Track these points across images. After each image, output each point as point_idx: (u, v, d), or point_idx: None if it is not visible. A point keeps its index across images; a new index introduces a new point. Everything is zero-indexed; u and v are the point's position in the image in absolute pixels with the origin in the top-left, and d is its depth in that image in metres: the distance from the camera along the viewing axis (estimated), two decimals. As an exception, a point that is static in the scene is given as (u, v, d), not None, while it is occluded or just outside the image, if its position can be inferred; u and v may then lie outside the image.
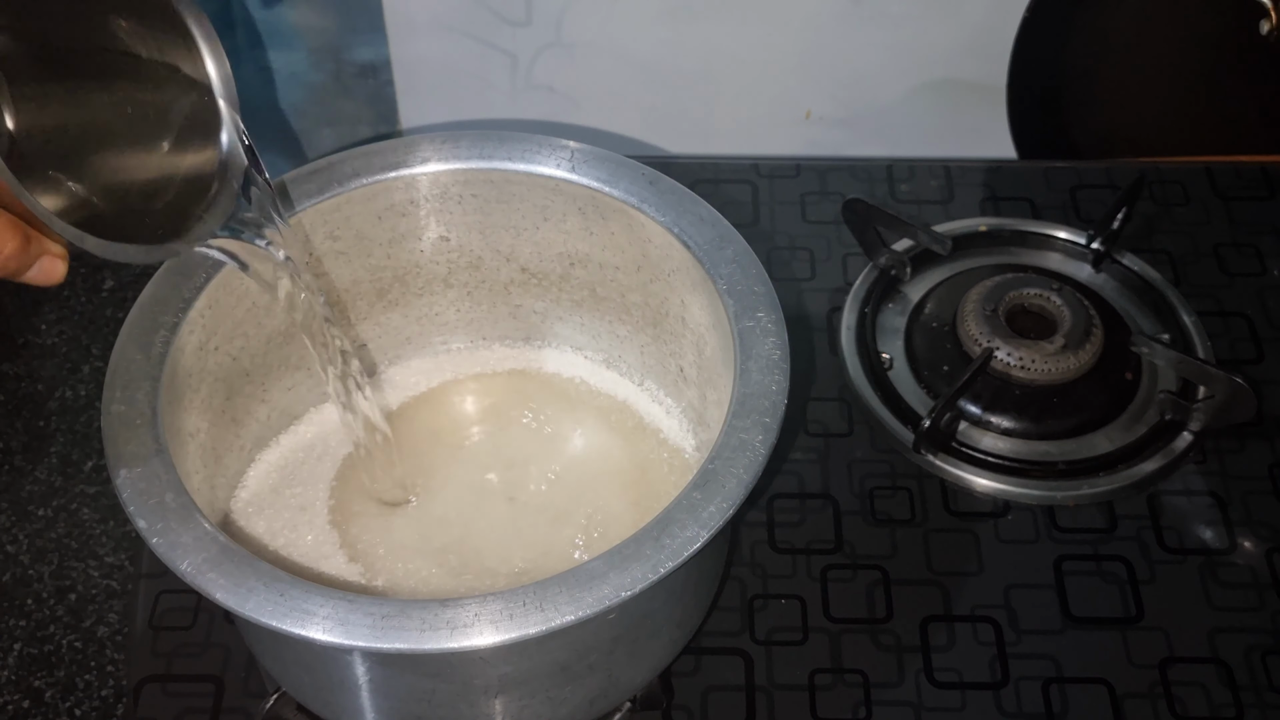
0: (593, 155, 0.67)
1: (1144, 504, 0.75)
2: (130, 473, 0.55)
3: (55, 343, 1.68)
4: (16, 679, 1.38)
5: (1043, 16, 1.14)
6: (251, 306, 0.66)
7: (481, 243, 0.72)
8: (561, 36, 1.47)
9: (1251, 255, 0.87)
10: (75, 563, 1.47)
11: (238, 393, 0.67)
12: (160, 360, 0.59)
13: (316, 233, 0.67)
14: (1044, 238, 0.87)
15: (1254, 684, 0.68)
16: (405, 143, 0.68)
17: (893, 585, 0.72)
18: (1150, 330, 0.82)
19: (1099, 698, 0.67)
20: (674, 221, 0.65)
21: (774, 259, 0.87)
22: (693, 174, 0.90)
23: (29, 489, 1.53)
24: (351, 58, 1.60)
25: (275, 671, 0.65)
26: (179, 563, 0.52)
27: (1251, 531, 0.74)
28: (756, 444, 0.56)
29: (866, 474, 0.76)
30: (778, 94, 1.52)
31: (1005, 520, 0.74)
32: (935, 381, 0.79)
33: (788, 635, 0.70)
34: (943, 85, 1.49)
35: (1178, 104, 1.15)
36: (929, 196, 0.91)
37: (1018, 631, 0.70)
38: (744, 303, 0.61)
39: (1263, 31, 1.00)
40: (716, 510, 0.54)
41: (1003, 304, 0.79)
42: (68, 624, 1.42)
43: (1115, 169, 0.93)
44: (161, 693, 0.68)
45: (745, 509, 0.66)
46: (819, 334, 0.83)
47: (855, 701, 0.67)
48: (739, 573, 0.72)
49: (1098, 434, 0.77)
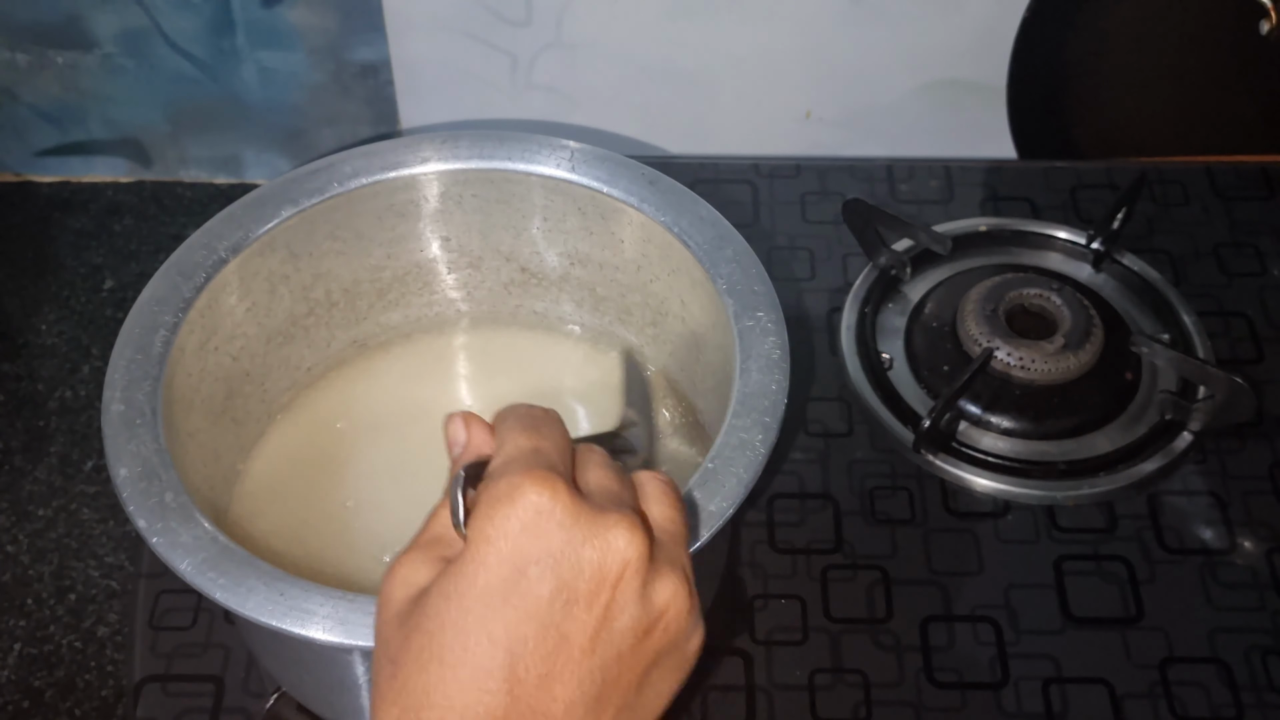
0: (593, 155, 0.67)
1: (1144, 504, 0.75)
2: (130, 473, 0.55)
3: (55, 343, 1.68)
4: (16, 679, 1.38)
5: (1043, 16, 1.14)
6: (251, 306, 0.66)
7: (481, 243, 0.72)
8: (561, 36, 1.47)
9: (1251, 255, 0.87)
10: (75, 563, 1.47)
11: (238, 393, 0.67)
12: (160, 360, 0.59)
13: (316, 233, 0.67)
14: (1044, 238, 0.87)
15: (1254, 684, 0.68)
16: (405, 143, 0.68)
17: (893, 585, 0.72)
18: (1150, 330, 0.82)
19: (1099, 698, 0.67)
20: (674, 221, 0.65)
21: (774, 259, 0.87)
22: (693, 174, 0.90)
23: (29, 489, 1.54)
24: (351, 58, 1.60)
25: (275, 671, 0.65)
26: (179, 563, 0.52)
27: (1251, 531, 0.74)
28: (756, 443, 0.56)
29: (866, 474, 0.76)
30: (778, 94, 1.52)
31: (1005, 520, 0.74)
32: (935, 381, 0.79)
33: (788, 635, 0.70)
34: (943, 85, 1.49)
35: (1178, 104, 1.15)
36: (929, 196, 0.91)
37: (1018, 631, 0.70)
38: (744, 302, 0.61)
39: (1263, 31, 1.00)
40: (716, 510, 0.54)
41: (1003, 304, 0.79)
42: (68, 624, 1.43)
43: (1115, 169, 0.93)
44: (161, 693, 0.68)
45: (745, 509, 0.66)
46: (819, 334, 0.83)
47: (855, 701, 0.67)
48: (739, 573, 0.72)
49: (1098, 434, 0.77)
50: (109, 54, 1.63)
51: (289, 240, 0.66)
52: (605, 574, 0.41)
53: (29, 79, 1.67)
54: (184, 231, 1.21)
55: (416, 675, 0.40)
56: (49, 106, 1.71)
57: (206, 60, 1.63)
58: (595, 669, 0.41)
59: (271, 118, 1.70)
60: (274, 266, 0.66)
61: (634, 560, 0.41)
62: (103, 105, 1.70)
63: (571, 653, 0.40)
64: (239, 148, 1.75)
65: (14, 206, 1.79)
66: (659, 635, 0.43)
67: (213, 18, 1.57)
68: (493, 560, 0.41)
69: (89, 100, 1.70)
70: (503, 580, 0.40)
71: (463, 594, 0.40)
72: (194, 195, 1.80)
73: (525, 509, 0.41)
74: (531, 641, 0.40)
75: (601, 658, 0.41)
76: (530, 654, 0.40)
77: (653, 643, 0.43)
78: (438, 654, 0.40)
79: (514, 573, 0.40)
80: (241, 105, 1.68)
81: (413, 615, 0.41)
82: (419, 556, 0.43)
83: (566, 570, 0.41)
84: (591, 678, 0.41)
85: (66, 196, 1.81)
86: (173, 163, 1.79)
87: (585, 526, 0.41)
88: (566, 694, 0.40)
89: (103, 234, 1.77)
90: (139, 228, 1.77)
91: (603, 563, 0.41)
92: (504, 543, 0.41)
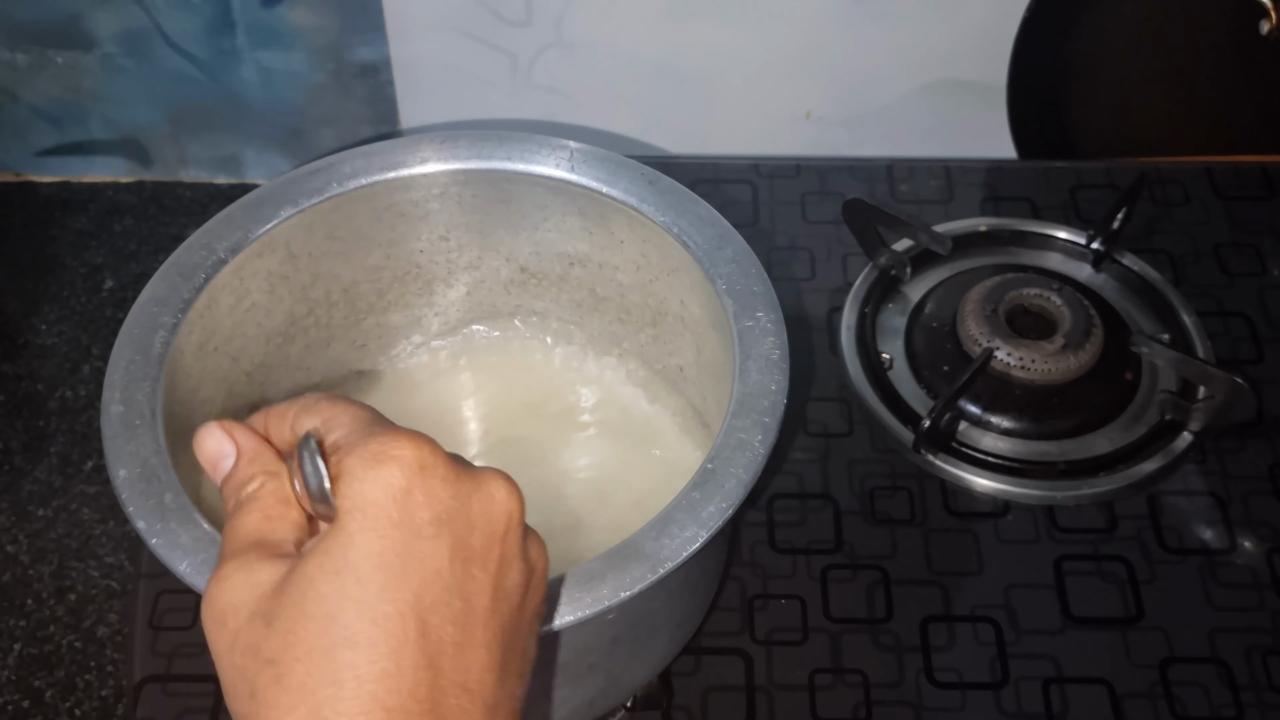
0: (593, 155, 0.67)
1: (1144, 504, 0.75)
2: (130, 473, 0.55)
3: (55, 343, 1.68)
4: (16, 679, 1.38)
5: (1043, 16, 1.14)
6: (251, 306, 0.66)
7: (481, 243, 0.72)
8: (561, 36, 1.47)
9: (1251, 255, 0.87)
10: (75, 563, 1.47)
11: (238, 393, 0.67)
12: (160, 360, 0.59)
13: (316, 233, 0.67)
14: (1044, 238, 0.87)
15: (1254, 684, 0.68)
16: (405, 143, 0.68)
17: (893, 585, 0.72)
18: (1150, 330, 0.82)
19: (1099, 698, 0.67)
20: (674, 221, 0.65)
21: (774, 259, 0.87)
22: (693, 174, 0.90)
23: (29, 489, 1.54)
24: (351, 58, 1.60)
25: (275, 671, 0.65)
26: (178, 563, 0.52)
27: (1251, 531, 0.74)
28: (756, 444, 0.56)
29: (866, 474, 0.76)
30: (778, 94, 1.52)
31: (1005, 520, 0.74)
32: (935, 381, 0.79)
33: (788, 635, 0.70)
34: (943, 85, 1.49)
35: (1178, 104, 1.15)
36: (929, 196, 0.91)
37: (1018, 631, 0.70)
38: (744, 302, 0.61)
39: (1263, 31, 1.00)
40: (716, 510, 0.54)
41: (1003, 304, 0.79)
42: (68, 624, 1.43)
43: (1115, 169, 0.93)
44: (161, 693, 0.68)
45: (745, 509, 0.66)
46: (819, 334, 0.83)
47: (855, 701, 0.67)
48: (739, 573, 0.72)
49: (1098, 434, 0.77)
50: (109, 54, 1.63)
51: (288, 240, 0.66)
52: (494, 529, 0.39)
53: (29, 79, 1.67)
54: (184, 231, 1.21)
55: (317, 667, 0.36)
56: (49, 106, 1.71)
57: (206, 60, 1.63)
58: (498, 631, 0.39)
59: (271, 118, 1.70)
60: (273, 267, 0.66)
61: (514, 513, 0.40)
62: (103, 105, 1.70)
63: (478, 616, 0.38)
64: (239, 148, 1.75)
65: (14, 206, 1.80)
66: (533, 594, 0.41)
67: (213, 18, 1.57)
68: (383, 525, 0.37)
69: (89, 100, 1.70)
70: (397, 544, 0.37)
71: (356, 566, 0.37)
72: (194, 195, 1.80)
73: (407, 467, 0.38)
74: (440, 607, 0.37)
75: (500, 619, 0.39)
76: (441, 621, 0.37)
77: (532, 601, 0.41)
78: (342, 637, 0.36)
79: (408, 535, 0.37)
80: (241, 105, 1.68)
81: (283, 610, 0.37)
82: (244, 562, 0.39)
83: (460, 527, 0.38)
84: (497, 641, 0.39)
85: (66, 196, 1.81)
86: (173, 163, 1.79)
87: (468, 481, 0.39)
88: (479, 661, 0.38)
89: (103, 234, 1.77)
90: (139, 228, 1.77)
91: (490, 516, 0.39)
92: (391, 505, 0.37)
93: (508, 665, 0.39)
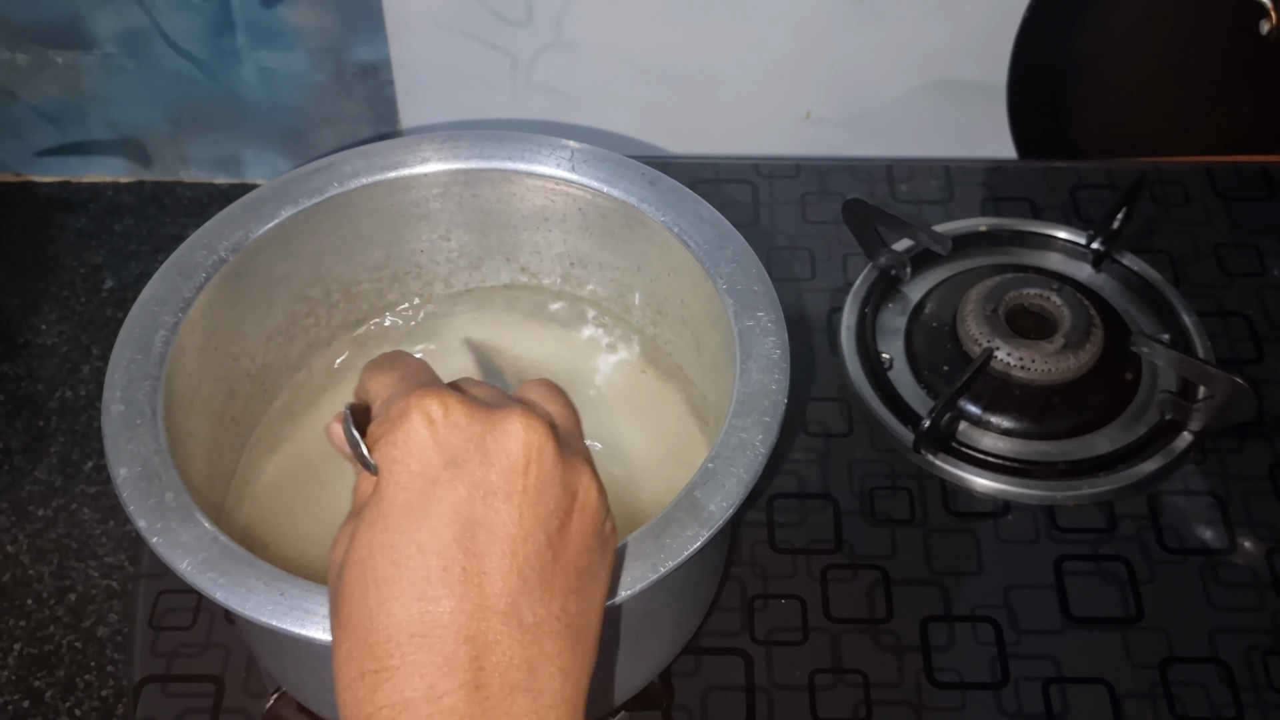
0: (593, 155, 0.67)
1: (1144, 504, 0.75)
2: (130, 473, 0.55)
3: (55, 343, 1.68)
4: (16, 679, 1.38)
5: (1043, 16, 1.14)
6: (251, 306, 0.66)
7: (481, 243, 0.72)
8: (561, 36, 1.47)
9: (1251, 255, 0.87)
10: (75, 563, 1.47)
11: (238, 393, 0.67)
12: (160, 360, 0.59)
13: (316, 233, 0.67)
14: (1044, 238, 0.87)
15: (1254, 684, 0.68)
16: (405, 143, 0.68)
17: (893, 585, 0.72)
18: (1150, 330, 0.82)
19: (1099, 698, 0.67)
20: (674, 221, 0.65)
21: (774, 259, 0.87)
22: (693, 174, 0.90)
23: (29, 489, 1.54)
24: (351, 58, 1.60)
25: (275, 671, 0.65)
26: (179, 563, 0.52)
27: (1251, 531, 0.74)
28: (756, 443, 0.56)
29: (866, 474, 0.76)
30: (778, 94, 1.52)
31: (1005, 520, 0.74)
32: (935, 381, 0.79)
33: (788, 635, 0.70)
34: (943, 85, 1.49)
35: (1178, 104, 1.15)
36: (929, 196, 0.91)
37: (1018, 631, 0.70)
38: (744, 302, 0.61)
39: (1263, 31, 1.00)
40: (716, 510, 0.54)
41: (1003, 304, 0.79)
42: (68, 624, 1.43)
43: (1115, 169, 0.93)
44: (161, 693, 0.68)
45: (745, 509, 0.66)
46: (819, 334, 0.83)
47: (855, 701, 0.67)
48: (739, 573, 0.72)
49: (1098, 434, 0.77)
50: (109, 54, 1.63)
51: (289, 240, 0.66)
52: (514, 462, 0.42)
53: (29, 79, 1.67)
54: (184, 231, 1.21)
55: (357, 605, 0.41)
56: (49, 106, 1.71)
57: (206, 60, 1.63)
58: (532, 555, 0.42)
59: (271, 118, 1.70)
60: (274, 266, 0.66)
61: (536, 444, 0.42)
62: (103, 105, 1.70)
63: (504, 545, 0.41)
64: (239, 148, 1.76)
65: (14, 206, 1.80)
66: (579, 517, 0.44)
67: (213, 18, 1.57)
68: (404, 478, 0.42)
69: (89, 100, 1.70)
70: (418, 493, 0.41)
71: (385, 516, 0.41)
72: (194, 195, 1.80)
73: (421, 422, 0.42)
74: (460, 541, 0.41)
75: (535, 544, 0.42)
76: (462, 554, 0.41)
77: (577, 525, 0.44)
78: (372, 579, 0.41)
79: (427, 483, 0.41)
80: (241, 105, 1.68)
81: (345, 560, 0.42)
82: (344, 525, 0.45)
83: (476, 467, 0.42)
84: (530, 564, 0.41)
85: (66, 196, 1.81)
86: (173, 163, 1.79)
87: (481, 422, 0.42)
88: (509, 586, 0.41)
89: (103, 234, 1.77)
90: (139, 228, 1.77)
91: (508, 451, 0.42)
92: (411, 459, 0.42)
93: (550, 586, 0.42)
